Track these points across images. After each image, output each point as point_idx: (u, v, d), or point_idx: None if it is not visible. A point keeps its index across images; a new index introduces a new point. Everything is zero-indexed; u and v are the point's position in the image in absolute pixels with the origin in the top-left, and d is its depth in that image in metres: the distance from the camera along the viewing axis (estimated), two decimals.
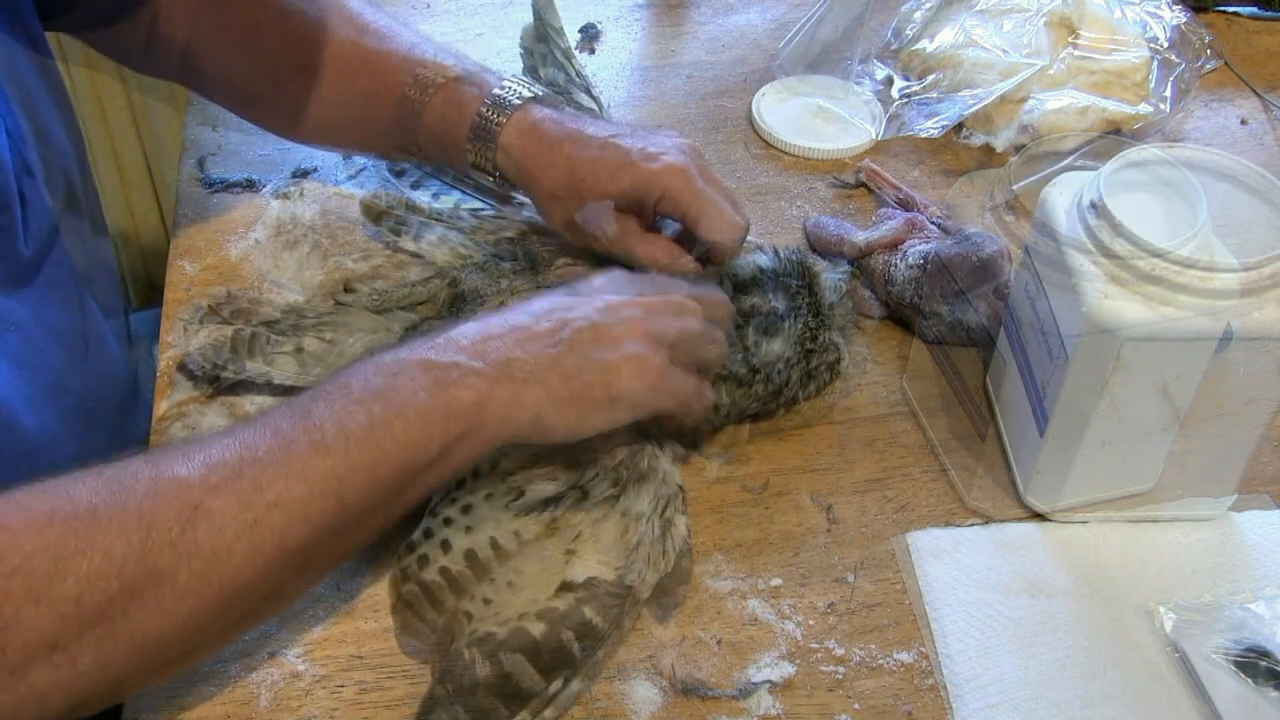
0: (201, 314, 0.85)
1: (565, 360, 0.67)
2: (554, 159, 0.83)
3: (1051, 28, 1.06)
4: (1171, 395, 0.70)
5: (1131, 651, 0.71)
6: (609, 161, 0.81)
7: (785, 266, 0.82)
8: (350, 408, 0.63)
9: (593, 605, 0.68)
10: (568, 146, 0.83)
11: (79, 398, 0.81)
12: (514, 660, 0.64)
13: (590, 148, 0.82)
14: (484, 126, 0.85)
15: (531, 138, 0.84)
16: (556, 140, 0.83)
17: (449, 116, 0.86)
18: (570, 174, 0.82)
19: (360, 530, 0.64)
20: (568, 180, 0.82)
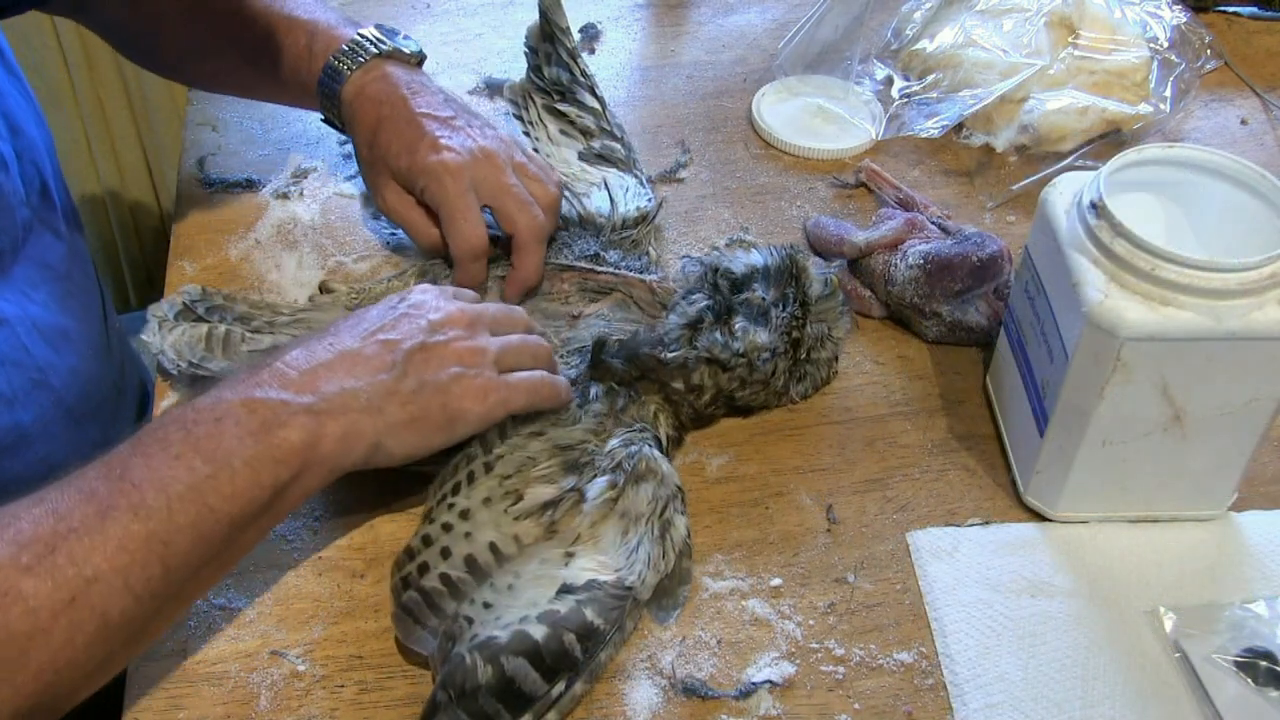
0: (176, 311, 0.85)
1: (401, 385, 0.68)
2: (369, 118, 0.86)
3: (1051, 28, 1.06)
4: (1171, 395, 0.70)
5: (1132, 652, 0.71)
6: (403, 138, 0.84)
7: (776, 263, 0.82)
8: (170, 465, 0.61)
9: (593, 607, 0.68)
10: (384, 110, 0.86)
11: (59, 394, 0.81)
12: (516, 664, 0.64)
13: (398, 119, 0.85)
14: (328, 81, 0.88)
15: (363, 93, 0.87)
16: (379, 100, 0.86)
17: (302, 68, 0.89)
18: (373, 138, 0.85)
19: (193, 587, 0.63)
20: (370, 143, 0.86)
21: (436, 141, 0.84)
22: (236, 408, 0.64)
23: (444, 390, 0.69)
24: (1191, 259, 0.66)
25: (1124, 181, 0.72)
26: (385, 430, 0.67)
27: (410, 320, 0.71)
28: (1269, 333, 0.66)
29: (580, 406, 0.77)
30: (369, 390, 0.67)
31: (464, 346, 0.71)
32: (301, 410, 0.64)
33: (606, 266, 0.87)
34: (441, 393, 0.69)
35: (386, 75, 0.87)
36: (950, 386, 0.87)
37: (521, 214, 0.84)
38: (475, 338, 0.72)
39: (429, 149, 0.83)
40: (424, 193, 0.84)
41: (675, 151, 1.05)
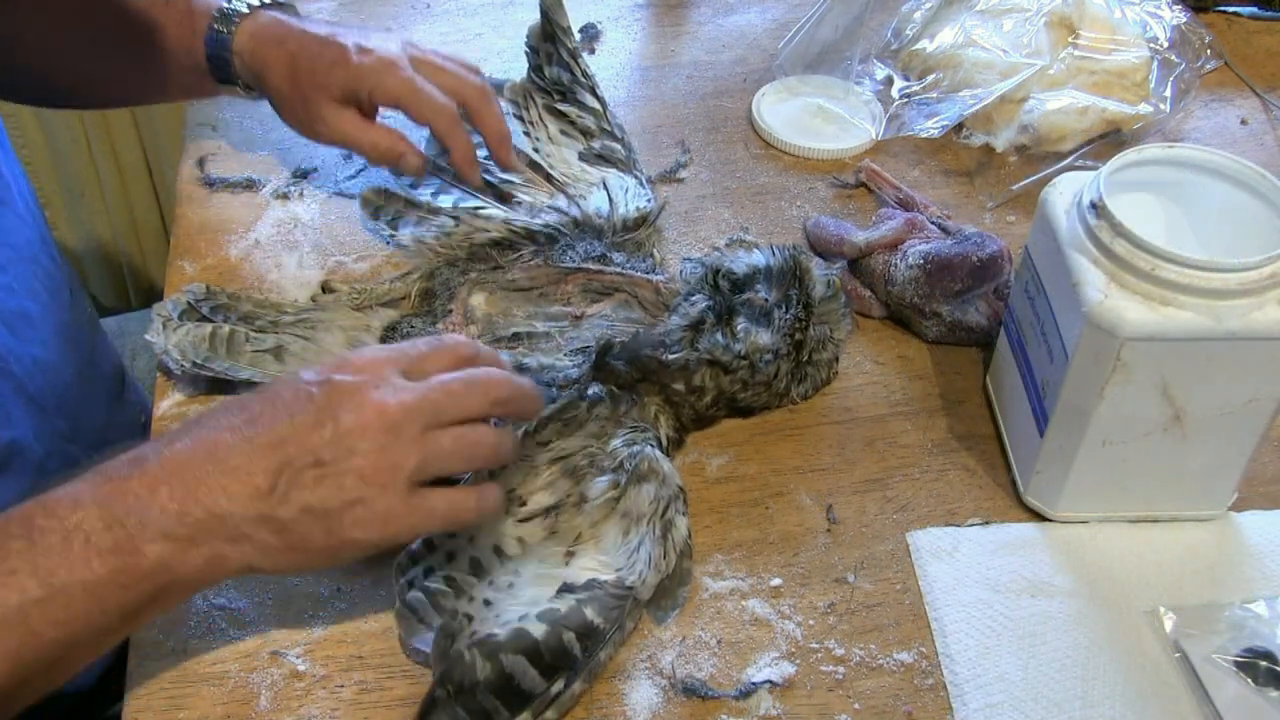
0: (180, 310, 0.85)
1: (280, 512, 0.60)
2: (279, 56, 0.85)
3: (1051, 28, 1.06)
4: (1171, 395, 0.70)
5: (1132, 652, 0.71)
6: (326, 57, 0.84)
7: (779, 263, 0.82)
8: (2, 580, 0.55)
9: (593, 606, 0.68)
10: (291, 44, 0.85)
11: (19, 381, 0.81)
12: (515, 661, 0.64)
13: (311, 45, 0.85)
14: (216, 38, 0.87)
15: (258, 40, 0.86)
16: (280, 38, 0.86)
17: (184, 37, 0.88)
18: (293, 71, 0.85)
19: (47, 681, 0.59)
20: (291, 77, 0.85)
21: (361, 46, 0.84)
22: (91, 518, 0.57)
23: (331, 518, 0.60)
24: (1191, 259, 0.66)
25: (1124, 181, 0.72)
26: (256, 556, 0.61)
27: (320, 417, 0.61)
28: (1269, 333, 0.66)
29: (588, 410, 0.77)
30: (240, 515, 0.59)
31: (368, 465, 0.60)
32: (160, 535, 0.58)
33: (613, 267, 0.88)
34: (326, 521, 0.60)
35: (275, 19, 0.87)
36: (950, 386, 0.87)
37: (464, 82, 0.86)
38: (396, 444, 0.61)
39: (358, 53, 0.84)
40: (371, 94, 0.84)
41: (675, 151, 1.05)
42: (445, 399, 0.63)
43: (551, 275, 0.87)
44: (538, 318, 0.85)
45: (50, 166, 1.71)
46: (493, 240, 0.90)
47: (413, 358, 0.65)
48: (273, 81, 0.86)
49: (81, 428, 0.88)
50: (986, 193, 1.02)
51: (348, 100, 0.85)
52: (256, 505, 0.60)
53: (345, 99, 0.85)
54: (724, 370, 0.79)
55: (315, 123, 0.86)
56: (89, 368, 0.91)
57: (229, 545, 0.60)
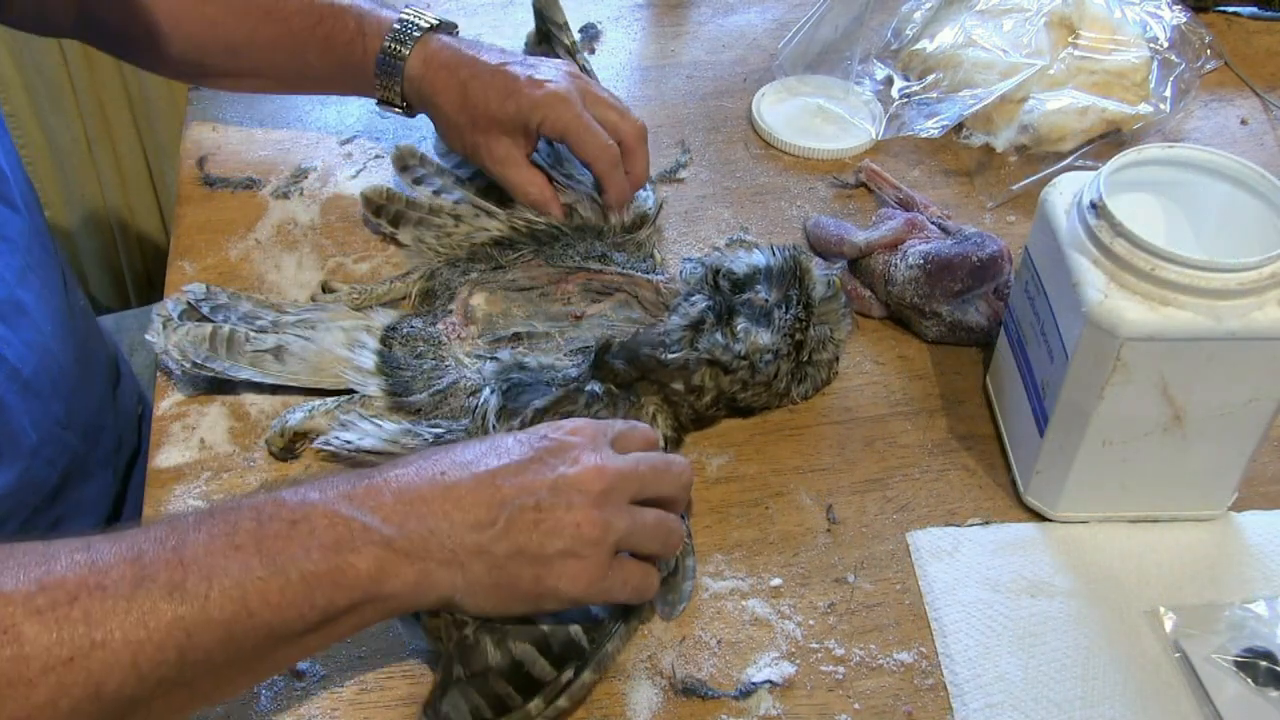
0: (180, 310, 0.85)
1: (496, 547, 0.61)
2: (450, 84, 0.88)
3: (1051, 28, 1.06)
4: (1171, 395, 0.70)
5: (1132, 652, 0.71)
6: (499, 87, 0.86)
7: (779, 263, 0.82)
8: (226, 553, 0.56)
9: None
10: (463, 73, 0.87)
11: (13, 368, 0.81)
12: (523, 649, 0.64)
13: (483, 74, 0.87)
14: (388, 61, 0.89)
15: (431, 65, 0.88)
16: (453, 66, 0.88)
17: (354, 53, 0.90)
18: (464, 99, 0.87)
19: (209, 688, 0.58)
20: (461, 104, 0.87)
21: (533, 78, 0.86)
22: (317, 515, 0.59)
23: (542, 564, 0.62)
24: (1191, 259, 0.66)
25: (1124, 181, 0.72)
26: (463, 587, 0.61)
27: (540, 467, 0.63)
28: (1269, 333, 0.66)
29: (586, 406, 0.77)
30: (458, 541, 0.61)
31: (584, 519, 0.62)
32: (381, 542, 0.59)
33: (613, 267, 0.88)
34: (537, 565, 0.62)
35: (446, 44, 0.90)
36: (950, 386, 0.87)
37: (625, 120, 0.89)
38: (605, 508, 0.63)
39: (530, 86, 0.86)
40: (540, 127, 0.86)
41: (675, 151, 1.05)
42: (651, 475, 0.66)
43: (552, 275, 0.87)
44: (538, 318, 0.85)
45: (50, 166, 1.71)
46: (493, 240, 0.90)
47: (616, 433, 0.68)
48: (443, 108, 0.88)
49: (77, 415, 0.88)
50: (986, 193, 1.02)
51: (515, 131, 0.87)
52: (475, 536, 0.61)
53: (513, 129, 0.87)
54: (724, 370, 0.79)
55: (480, 151, 0.89)
56: (84, 356, 0.91)
57: (441, 568, 0.61)
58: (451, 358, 0.83)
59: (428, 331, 0.84)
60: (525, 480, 0.62)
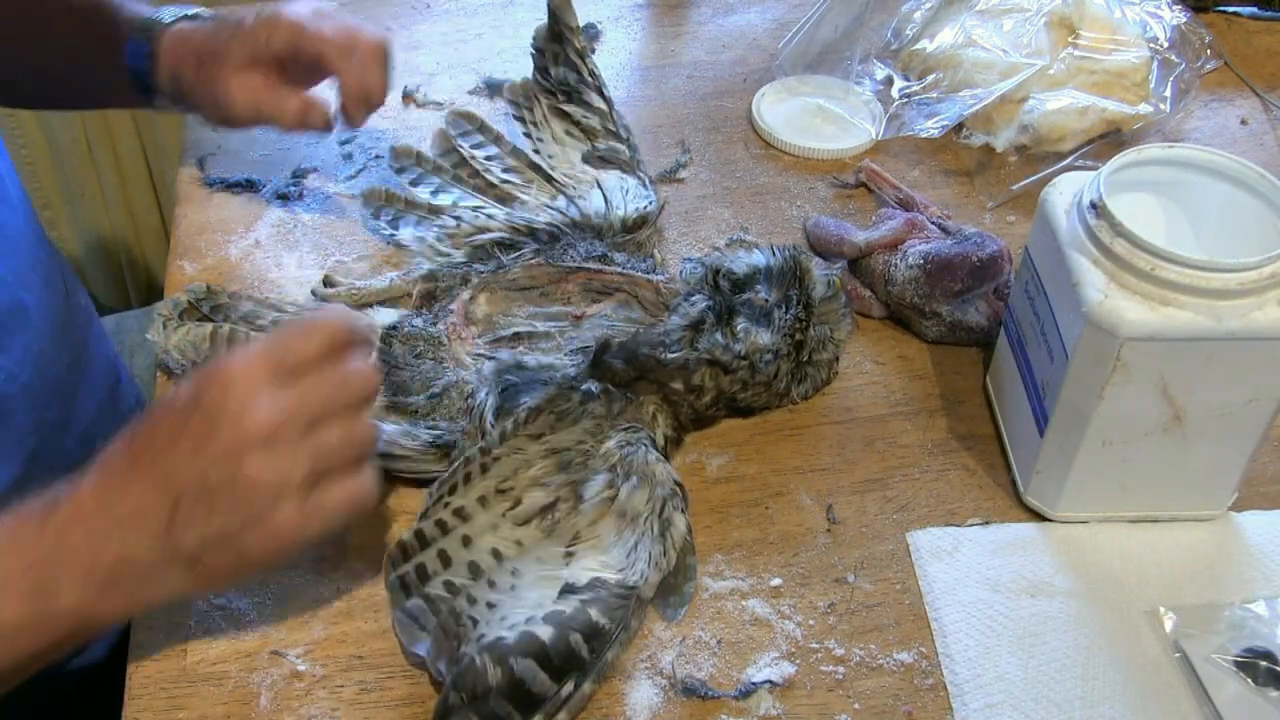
0: (181, 309, 0.85)
1: (183, 546, 0.60)
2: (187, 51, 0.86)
3: (1051, 28, 1.06)
4: (1171, 395, 0.70)
5: (1132, 652, 0.71)
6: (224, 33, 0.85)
7: (779, 263, 0.82)
8: None
9: (598, 607, 0.68)
10: (197, 37, 0.86)
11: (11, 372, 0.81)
12: (524, 665, 0.64)
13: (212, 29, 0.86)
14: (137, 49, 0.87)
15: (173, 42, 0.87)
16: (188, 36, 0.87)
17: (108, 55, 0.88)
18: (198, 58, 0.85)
19: None
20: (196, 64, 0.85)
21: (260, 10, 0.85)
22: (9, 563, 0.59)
23: (234, 541, 0.60)
24: (1191, 259, 0.66)
25: (1124, 181, 0.72)
26: (172, 591, 0.61)
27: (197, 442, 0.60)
28: (1269, 333, 0.66)
29: (580, 405, 0.77)
30: (147, 559, 0.60)
31: (260, 477, 0.59)
32: (78, 581, 0.59)
33: (613, 267, 0.87)
34: (231, 545, 0.60)
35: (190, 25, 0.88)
36: (950, 386, 0.87)
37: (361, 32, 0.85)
38: (279, 453, 0.60)
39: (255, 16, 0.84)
40: (269, 43, 0.83)
41: (675, 151, 1.05)
42: (322, 397, 0.62)
43: (552, 274, 0.87)
44: (538, 317, 0.85)
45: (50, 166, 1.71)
46: (494, 240, 0.90)
47: (281, 353, 0.62)
48: (186, 78, 0.86)
49: (75, 419, 0.88)
50: (986, 193, 1.02)
51: (252, 65, 0.84)
52: (160, 543, 0.60)
53: (248, 63, 0.84)
54: (724, 370, 0.79)
55: (224, 100, 0.85)
56: (83, 360, 0.91)
57: (143, 586, 0.61)
58: (451, 358, 0.83)
59: (428, 331, 0.84)
60: (186, 464, 0.59)
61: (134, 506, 0.60)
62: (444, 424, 0.78)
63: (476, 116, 1.01)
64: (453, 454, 0.76)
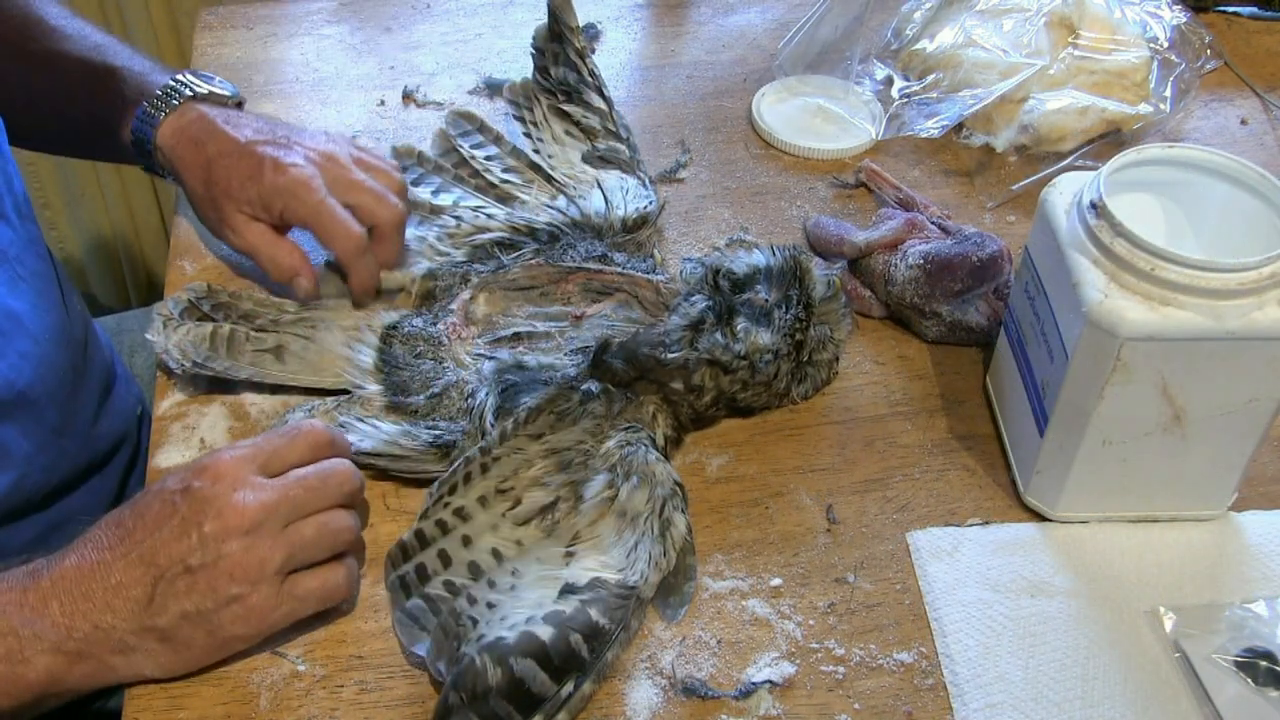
0: (181, 309, 0.85)
1: (159, 621, 0.64)
2: (196, 159, 0.85)
3: (1051, 28, 1.06)
4: (1171, 395, 0.70)
5: (1132, 652, 0.71)
6: (242, 170, 0.83)
7: (779, 263, 0.82)
8: None
9: (598, 607, 0.68)
10: (210, 149, 0.85)
11: (7, 378, 0.81)
12: (524, 665, 0.64)
13: (229, 153, 0.84)
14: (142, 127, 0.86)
15: (179, 137, 0.86)
16: (200, 140, 0.85)
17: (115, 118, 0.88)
18: (207, 177, 0.84)
19: None
20: (205, 181, 0.84)
21: (278, 162, 0.83)
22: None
23: (210, 619, 0.65)
24: (1191, 259, 0.66)
25: (1124, 181, 0.72)
26: (142, 664, 0.66)
27: (185, 525, 0.65)
28: (1269, 333, 0.66)
29: (580, 405, 0.77)
30: (124, 628, 0.64)
31: (240, 561, 0.65)
32: (50, 649, 0.63)
33: (613, 267, 0.88)
34: (205, 622, 0.65)
35: (202, 115, 0.86)
36: (950, 386, 0.87)
37: (380, 206, 0.85)
38: (260, 541, 0.65)
39: (273, 170, 0.83)
40: (283, 214, 0.83)
41: (675, 151, 1.05)
42: (303, 494, 0.68)
43: (552, 274, 0.87)
44: (538, 317, 0.85)
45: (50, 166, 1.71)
46: (494, 240, 0.90)
47: (268, 453, 0.69)
48: (189, 183, 0.86)
49: (71, 424, 0.88)
50: (986, 193, 1.02)
51: (259, 215, 0.84)
52: (138, 617, 0.64)
53: (256, 214, 0.84)
54: (724, 370, 0.79)
55: (225, 230, 0.85)
56: (80, 364, 0.91)
57: (115, 656, 0.65)
58: (451, 358, 0.83)
59: (428, 331, 0.84)
60: (171, 548, 0.65)
61: (117, 581, 0.64)
62: (444, 424, 0.78)
63: (476, 116, 1.01)
64: (453, 454, 0.76)
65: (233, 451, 0.68)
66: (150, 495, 0.67)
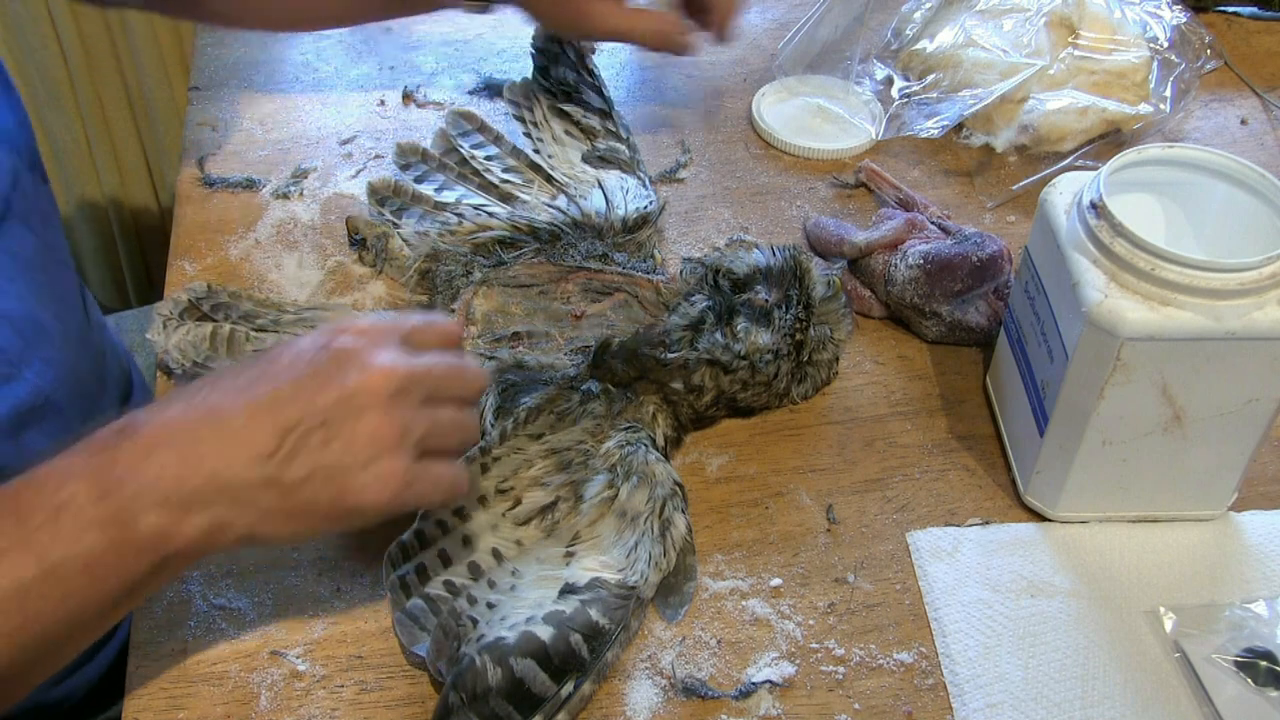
0: (181, 309, 0.85)
1: (284, 473, 0.58)
2: None
3: (1051, 28, 1.06)
4: (1171, 395, 0.70)
5: (1132, 652, 0.71)
6: None
7: (780, 263, 0.82)
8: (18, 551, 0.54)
9: (598, 607, 0.68)
10: None
11: (35, 386, 0.81)
12: (524, 665, 0.64)
13: None
14: None
15: None
16: None
17: None
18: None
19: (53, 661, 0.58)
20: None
21: None
22: (81, 492, 0.56)
23: (340, 479, 0.59)
24: (1191, 259, 0.66)
25: (1124, 181, 0.72)
26: (259, 521, 0.59)
27: (323, 381, 0.59)
28: (1269, 333, 0.66)
29: (580, 405, 0.77)
30: (243, 479, 0.57)
31: (381, 423, 0.59)
32: (157, 503, 0.56)
33: (613, 267, 0.88)
34: (336, 482, 0.59)
35: None
36: (950, 386, 0.87)
37: None
38: (402, 409, 0.60)
39: None
40: None
41: (675, 151, 1.05)
42: (444, 376, 0.63)
43: (552, 273, 0.87)
44: (538, 317, 0.85)
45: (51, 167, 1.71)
46: (495, 238, 0.90)
47: (408, 329, 0.64)
48: None
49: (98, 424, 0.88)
50: (986, 193, 1.02)
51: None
52: (260, 468, 0.58)
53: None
54: (724, 370, 0.79)
55: (582, 21, 0.86)
56: (100, 371, 0.92)
57: (230, 511, 0.58)
58: None
59: None
60: (308, 399, 0.59)
61: (239, 428, 0.58)
62: None
63: (476, 116, 1.01)
64: None
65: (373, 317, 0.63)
66: (279, 349, 0.62)
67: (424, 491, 0.62)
